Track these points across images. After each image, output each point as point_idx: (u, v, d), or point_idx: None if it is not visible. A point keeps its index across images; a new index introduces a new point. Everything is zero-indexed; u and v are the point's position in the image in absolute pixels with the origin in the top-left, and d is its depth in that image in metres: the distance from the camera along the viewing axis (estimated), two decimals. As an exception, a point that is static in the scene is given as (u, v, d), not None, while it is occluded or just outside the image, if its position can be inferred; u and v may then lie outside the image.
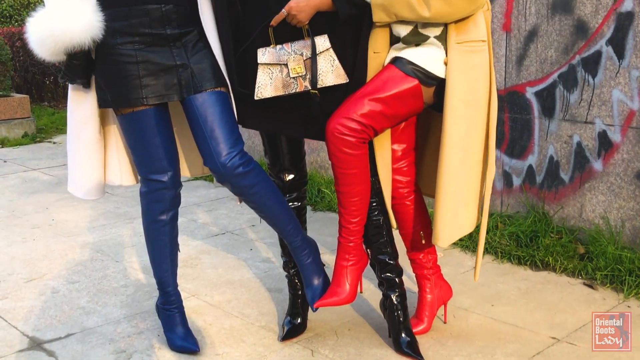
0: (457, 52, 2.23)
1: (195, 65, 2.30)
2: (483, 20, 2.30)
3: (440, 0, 2.15)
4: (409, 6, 2.19)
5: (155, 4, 2.22)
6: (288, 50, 2.27)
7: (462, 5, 2.17)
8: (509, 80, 3.60)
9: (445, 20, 2.22)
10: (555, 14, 3.35)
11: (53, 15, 2.18)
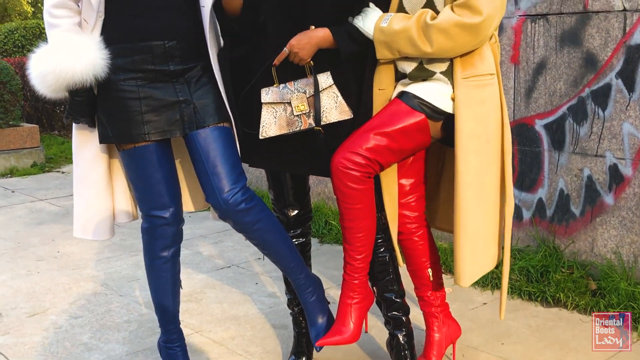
0: (464, 87, 2.20)
1: (198, 101, 2.27)
2: (490, 53, 2.27)
3: (442, 35, 2.12)
4: (411, 42, 2.16)
5: (158, 41, 2.20)
6: (291, 89, 2.25)
7: (465, 40, 2.14)
8: (518, 112, 3.56)
9: (449, 55, 2.18)
10: (564, 47, 3.31)
11: (55, 52, 2.17)
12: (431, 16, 2.16)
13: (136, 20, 2.20)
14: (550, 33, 3.36)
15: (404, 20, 2.19)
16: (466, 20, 2.10)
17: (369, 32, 2.23)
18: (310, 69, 2.25)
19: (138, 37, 2.20)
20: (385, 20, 2.21)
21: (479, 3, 2.09)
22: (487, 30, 2.15)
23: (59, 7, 2.22)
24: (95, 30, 2.22)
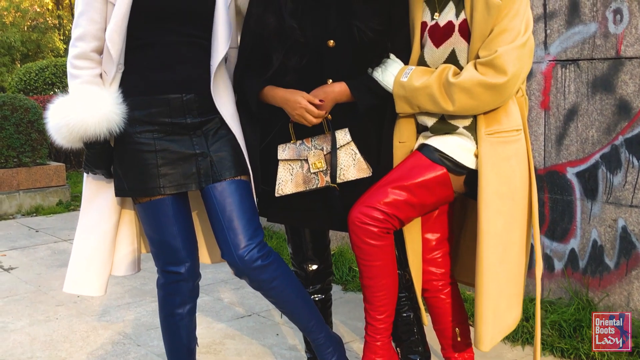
0: (488, 143, 2.10)
1: (215, 154, 2.21)
2: (516, 108, 2.17)
3: (464, 94, 2.03)
4: (432, 99, 2.08)
5: (176, 94, 2.17)
6: (308, 146, 2.19)
7: (489, 99, 2.05)
8: (549, 159, 3.44)
9: (472, 113, 2.10)
10: (595, 93, 3.20)
11: (70, 105, 2.14)
12: (453, 72, 2.08)
13: (155, 73, 2.17)
14: (582, 79, 3.25)
15: (425, 75, 2.11)
16: (490, 79, 2.01)
17: (388, 85, 2.15)
18: (328, 124, 2.18)
19: (156, 90, 2.17)
20: (406, 75, 2.13)
21: (504, 62, 2.00)
22: (512, 89, 2.06)
23: (81, 58, 2.19)
24: (114, 82, 2.19)
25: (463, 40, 2.12)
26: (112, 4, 2.12)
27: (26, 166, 7.27)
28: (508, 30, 2.04)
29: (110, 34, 2.11)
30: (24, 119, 7.17)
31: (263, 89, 2.23)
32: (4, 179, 7.12)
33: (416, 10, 2.20)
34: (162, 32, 2.16)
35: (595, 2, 3.15)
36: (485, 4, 2.04)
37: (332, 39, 2.16)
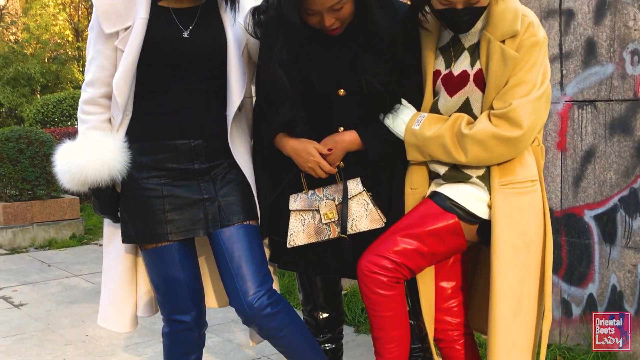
0: (501, 195, 2.04)
1: (224, 199, 2.18)
2: (531, 158, 2.11)
3: (478, 146, 1.98)
4: (444, 149, 2.03)
5: (184, 139, 2.14)
6: (320, 196, 2.14)
7: (503, 152, 2.00)
8: (566, 201, 3.37)
9: (485, 164, 2.05)
10: (613, 135, 3.14)
11: (74, 151, 2.13)
12: (467, 122, 2.03)
13: (163, 119, 2.16)
14: (599, 120, 3.19)
15: (437, 124, 2.06)
16: (504, 133, 1.96)
17: (399, 132, 2.11)
18: (340, 173, 2.14)
19: (163, 135, 2.15)
20: (418, 122, 2.08)
21: (519, 115, 1.95)
22: (527, 142, 2.01)
23: (89, 103, 2.19)
24: (121, 128, 2.17)
25: (477, 89, 2.07)
26: (122, 50, 2.10)
27: (40, 199, 7.28)
28: (524, 82, 1.99)
29: (117, 82, 2.10)
30: (40, 152, 7.20)
31: (275, 136, 2.20)
32: (18, 212, 7.14)
33: (429, 58, 2.16)
34: (172, 79, 2.14)
35: (612, 43, 3.11)
36: (502, 55, 1.99)
37: (342, 88, 2.12)
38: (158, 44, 2.13)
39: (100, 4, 2.13)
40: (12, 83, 21.86)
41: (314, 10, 2.01)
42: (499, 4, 2.05)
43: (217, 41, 2.20)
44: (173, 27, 2.17)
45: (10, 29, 27.83)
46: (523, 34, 2.01)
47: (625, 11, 3.04)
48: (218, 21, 2.23)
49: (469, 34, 2.11)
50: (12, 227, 7.06)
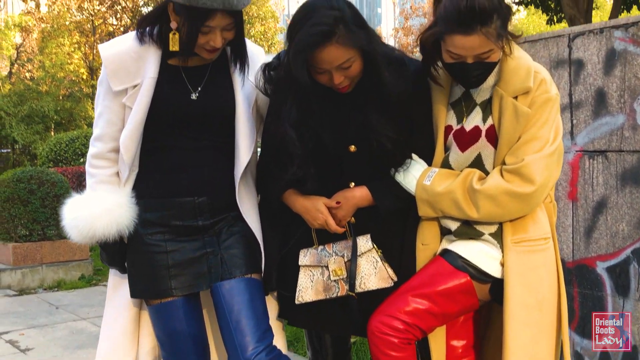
0: (514, 253, 2.01)
1: (227, 251, 2.17)
2: (544, 215, 2.09)
3: (489, 201, 1.96)
4: (455, 205, 2.01)
5: (188, 197, 2.14)
6: (329, 252, 2.12)
7: (515, 208, 1.98)
8: (577, 252, 3.32)
9: (497, 221, 2.02)
10: (625, 186, 3.11)
11: (82, 207, 2.13)
12: (478, 178, 2.01)
13: (167, 176, 2.16)
14: (610, 171, 3.16)
15: (449, 179, 2.05)
16: (517, 188, 1.94)
17: (410, 188, 2.09)
18: (350, 229, 2.12)
19: (168, 192, 2.15)
20: (429, 178, 2.07)
21: (531, 171, 1.93)
22: (540, 198, 1.99)
23: (98, 157, 2.20)
24: (128, 183, 2.18)
25: (490, 145, 2.06)
26: (130, 107, 2.11)
27: (50, 240, 7.29)
28: (537, 138, 1.98)
29: (124, 140, 2.10)
30: (50, 193, 7.23)
31: (284, 193, 2.19)
32: (28, 252, 7.14)
33: (440, 113, 2.15)
34: (179, 137, 2.15)
35: (622, 94, 3.09)
36: (515, 111, 1.99)
37: (353, 145, 2.12)
38: (166, 105, 2.13)
39: (110, 62, 2.13)
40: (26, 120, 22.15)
41: (323, 69, 2.01)
42: (512, 60, 2.05)
43: (225, 102, 2.20)
44: (182, 87, 2.16)
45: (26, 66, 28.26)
46: (535, 90, 2.01)
47: (635, 62, 3.03)
48: (228, 80, 2.23)
49: (481, 90, 2.11)
50: (22, 268, 7.05)
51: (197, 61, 2.19)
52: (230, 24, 2.07)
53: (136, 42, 2.15)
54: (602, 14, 23.85)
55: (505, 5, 2.01)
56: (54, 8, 24.73)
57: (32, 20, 25.62)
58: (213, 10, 1.98)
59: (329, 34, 1.94)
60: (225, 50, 2.24)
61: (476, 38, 1.94)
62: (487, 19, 1.93)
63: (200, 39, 2.05)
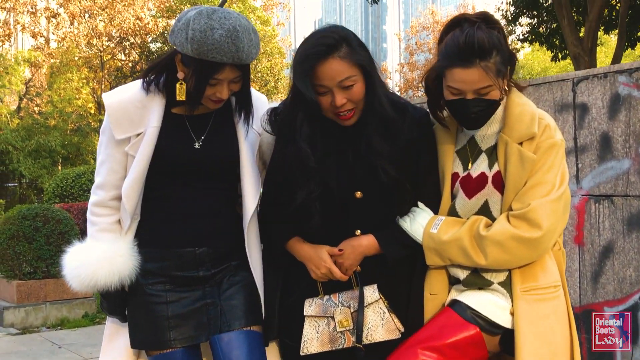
0: (523, 301, 1.99)
1: (227, 302, 2.14)
2: (553, 263, 2.07)
3: (497, 247, 1.94)
4: (463, 252, 1.99)
5: (189, 247, 2.12)
6: (335, 302, 2.09)
7: (523, 254, 1.96)
8: (584, 297, 3.28)
9: (505, 267, 2.00)
10: (632, 231, 3.08)
11: (83, 256, 2.11)
12: (485, 224, 2.00)
13: (169, 225, 2.15)
14: (617, 215, 3.14)
15: (455, 227, 2.03)
16: (524, 233, 1.93)
17: (417, 236, 2.08)
18: (357, 278, 2.09)
19: (168, 243, 2.13)
20: (436, 226, 2.05)
21: (538, 216, 1.92)
22: (548, 244, 1.97)
23: (99, 205, 2.18)
24: (130, 231, 2.16)
25: (496, 191, 2.05)
26: (132, 156, 2.10)
27: (54, 277, 7.26)
28: (542, 183, 1.98)
29: (127, 189, 2.09)
30: (55, 231, 7.23)
31: (289, 240, 2.17)
32: (31, 290, 7.12)
33: (446, 160, 2.15)
34: (182, 186, 2.14)
35: (627, 138, 3.09)
36: (520, 157, 1.99)
37: (360, 190, 2.11)
38: (169, 154, 2.12)
39: (113, 111, 2.12)
40: (33, 155, 22.28)
41: (325, 87, 2.01)
42: (516, 107, 2.05)
43: (229, 151, 2.19)
44: (185, 136, 2.15)
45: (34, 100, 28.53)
46: (540, 136, 2.01)
47: (639, 107, 3.03)
48: (231, 129, 2.22)
49: (486, 136, 2.11)
50: (25, 306, 7.03)
51: (201, 109, 2.19)
52: (238, 77, 2.08)
53: (141, 92, 2.15)
54: (607, 50, 23.99)
55: (506, 46, 2.03)
56: (63, 44, 25.02)
57: (42, 56, 25.91)
58: (222, 64, 2.00)
59: (332, 47, 1.98)
60: (229, 98, 2.24)
61: (475, 72, 1.95)
62: (486, 54, 1.95)
63: (208, 91, 2.06)
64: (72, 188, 11.92)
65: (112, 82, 26.26)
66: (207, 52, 1.96)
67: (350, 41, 2.01)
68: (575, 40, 10.04)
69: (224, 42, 1.96)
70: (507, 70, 2.03)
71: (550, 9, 12.77)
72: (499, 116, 2.09)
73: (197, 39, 1.96)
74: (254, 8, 25.56)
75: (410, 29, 35.89)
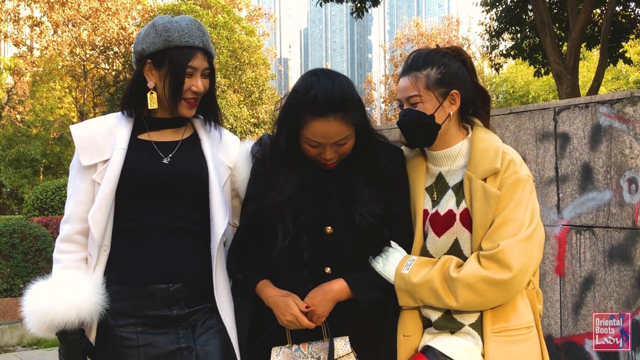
0: (495, 343, 1.94)
1: (202, 348, 2.07)
2: (525, 303, 2.02)
3: (468, 290, 1.90)
4: (434, 294, 1.95)
5: (162, 284, 2.04)
6: (304, 352, 2.02)
7: (494, 296, 1.92)
8: (565, 329, 3.25)
9: (477, 309, 1.96)
10: (613, 263, 3.05)
11: (43, 291, 2.02)
12: (455, 265, 1.96)
13: (140, 262, 2.07)
14: (598, 247, 3.11)
15: (426, 267, 1.99)
16: (494, 275, 1.89)
17: (389, 277, 2.03)
18: (327, 329, 2.03)
19: (140, 279, 2.05)
20: (407, 266, 2.01)
21: (507, 256, 1.88)
22: (519, 285, 1.93)
23: (65, 241, 2.11)
24: (98, 266, 2.08)
25: (465, 229, 2.01)
26: (99, 184, 2.05)
27: (31, 295, 7.15)
28: (511, 221, 1.93)
29: (93, 213, 2.02)
30: (33, 247, 7.13)
31: (258, 282, 2.10)
32: (7, 308, 6.99)
33: (417, 197, 2.11)
34: (151, 213, 2.06)
35: (608, 169, 3.06)
36: (484, 193, 1.95)
37: (330, 226, 2.05)
38: (137, 171, 2.06)
39: (79, 138, 2.11)
40: (14, 164, 22.08)
41: (317, 143, 1.97)
42: (480, 142, 2.03)
43: (198, 169, 2.14)
44: (153, 155, 2.12)
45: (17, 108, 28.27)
46: (504, 172, 1.97)
47: (620, 139, 3.01)
48: (199, 151, 2.20)
49: (451, 172, 2.08)
50: (1, 325, 6.90)
51: (168, 136, 2.17)
52: (207, 69, 2.14)
53: (108, 120, 2.17)
54: (589, 64, 24.19)
55: (460, 74, 2.08)
56: (46, 52, 24.86)
57: (24, 64, 25.72)
58: (194, 49, 2.09)
59: (333, 109, 1.92)
60: (194, 128, 2.23)
61: (406, 80, 2.06)
62: (420, 66, 2.05)
63: (185, 84, 2.09)
64: (52, 200, 11.80)
65: (95, 91, 26.09)
66: (179, 37, 2.08)
67: (350, 102, 1.96)
68: (557, 58, 10.08)
69: (192, 27, 2.11)
70: (446, 89, 2.03)
71: (533, 25, 12.84)
72: (464, 151, 2.07)
73: (167, 28, 2.09)
74: (239, 19, 25.55)
75: (395, 41, 36.03)
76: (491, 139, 2.05)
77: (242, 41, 24.15)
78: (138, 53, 2.13)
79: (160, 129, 2.17)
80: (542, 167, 3.36)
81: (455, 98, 2.05)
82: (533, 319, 2.05)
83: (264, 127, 24.83)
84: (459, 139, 2.08)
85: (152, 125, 2.16)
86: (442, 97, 2.03)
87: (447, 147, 2.08)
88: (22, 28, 25.27)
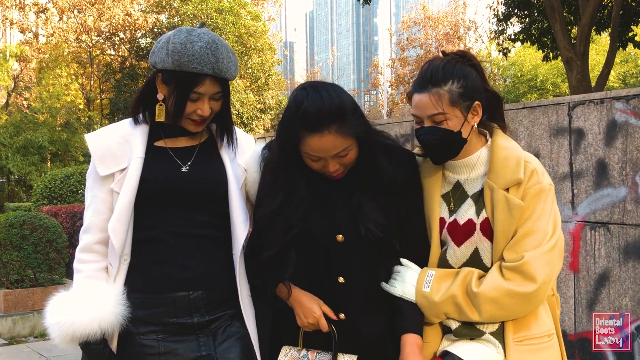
0: (516, 352, 1.93)
1: (223, 355, 2.06)
2: (546, 311, 2.01)
3: (492, 304, 1.88)
4: (458, 309, 1.94)
5: (182, 292, 2.03)
6: (311, 359, 2.02)
7: (518, 308, 1.90)
8: (580, 325, 3.24)
9: (500, 321, 1.94)
10: (628, 260, 3.04)
11: (65, 302, 2.01)
12: (477, 278, 1.94)
13: (161, 268, 2.05)
14: (612, 243, 3.09)
15: (446, 281, 1.97)
16: (518, 288, 1.87)
17: (410, 297, 2.01)
18: (335, 341, 2.02)
19: (161, 287, 2.04)
20: (427, 283, 1.99)
21: (532, 269, 1.86)
22: (543, 296, 1.91)
23: (85, 251, 2.10)
24: (119, 276, 2.07)
25: (486, 239, 1.99)
26: (117, 193, 2.04)
27: (42, 286, 7.18)
28: (534, 232, 1.91)
29: (113, 224, 2.01)
30: (43, 239, 7.13)
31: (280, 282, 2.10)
32: (19, 299, 7.02)
33: (433, 204, 2.08)
34: (171, 221, 2.05)
35: (624, 166, 3.04)
36: (507, 204, 1.92)
37: (341, 234, 2.04)
38: (155, 181, 2.05)
39: (95, 147, 2.09)
40: (22, 151, 22.10)
41: (317, 157, 1.95)
42: (501, 150, 1.99)
43: (217, 176, 2.13)
44: (171, 163, 2.11)
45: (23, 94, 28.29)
46: (527, 182, 1.94)
47: (636, 135, 2.99)
48: (217, 157, 2.18)
49: (470, 180, 2.05)
50: (12, 315, 6.93)
51: (184, 142, 2.15)
52: (218, 93, 2.06)
53: (124, 128, 2.14)
54: (598, 47, 23.99)
55: (476, 82, 2.02)
56: (52, 39, 24.82)
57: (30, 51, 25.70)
58: (203, 75, 2.00)
59: (327, 123, 1.89)
60: (212, 132, 2.20)
61: (426, 97, 1.96)
62: (440, 81, 1.95)
63: (189, 107, 2.03)
64: (61, 189, 11.80)
65: (101, 77, 26.06)
66: (188, 62, 1.98)
67: (345, 112, 1.92)
68: (567, 44, 9.99)
69: (204, 53, 1.99)
70: (470, 101, 1.98)
71: (542, 9, 12.72)
72: (484, 159, 2.03)
73: (178, 51, 1.99)
74: (244, 4, 25.39)
75: (401, 24, 35.79)
76: (512, 147, 2.02)
77: (248, 26, 24.03)
78: (151, 63, 2.10)
79: (175, 136, 2.15)
80: (556, 163, 3.33)
81: (478, 109, 2.01)
82: (553, 326, 2.04)
83: (270, 112, 24.77)
84: (477, 147, 2.05)
85: (167, 132, 2.14)
86: (466, 111, 1.98)
87: (466, 156, 2.05)
88: (27, 15, 25.21)
